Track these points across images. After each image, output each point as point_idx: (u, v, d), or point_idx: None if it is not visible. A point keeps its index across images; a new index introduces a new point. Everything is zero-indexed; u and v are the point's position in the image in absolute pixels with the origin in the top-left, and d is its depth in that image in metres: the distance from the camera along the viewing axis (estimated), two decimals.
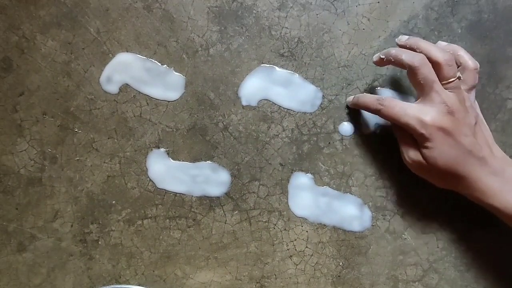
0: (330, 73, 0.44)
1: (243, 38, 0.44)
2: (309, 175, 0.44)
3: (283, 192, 0.43)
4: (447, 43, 0.41)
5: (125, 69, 0.44)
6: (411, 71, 0.38)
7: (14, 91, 0.43)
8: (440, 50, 0.38)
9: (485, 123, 0.40)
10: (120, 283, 0.42)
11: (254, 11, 0.44)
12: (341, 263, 0.43)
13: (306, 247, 0.43)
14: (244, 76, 0.44)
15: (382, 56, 0.39)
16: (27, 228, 0.43)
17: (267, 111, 0.44)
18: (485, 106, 0.44)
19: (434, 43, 0.44)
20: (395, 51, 0.39)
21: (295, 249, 0.43)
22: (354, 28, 0.44)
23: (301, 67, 0.44)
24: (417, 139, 0.38)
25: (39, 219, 0.43)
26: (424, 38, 0.44)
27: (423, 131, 0.37)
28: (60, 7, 0.44)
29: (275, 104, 0.44)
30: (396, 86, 0.44)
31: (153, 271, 0.43)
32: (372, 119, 0.44)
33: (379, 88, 0.44)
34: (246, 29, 0.44)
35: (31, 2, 0.44)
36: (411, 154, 0.39)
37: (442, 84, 0.37)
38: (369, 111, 0.41)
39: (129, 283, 0.42)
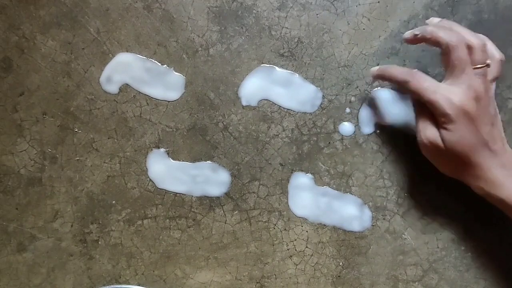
0: (330, 73, 0.44)
1: (243, 38, 0.44)
2: (309, 175, 0.44)
3: (283, 192, 0.43)
4: (474, 33, 0.40)
5: (125, 69, 0.44)
6: (447, 49, 0.37)
7: (14, 91, 0.43)
8: (474, 34, 0.37)
9: (500, 117, 0.40)
10: (120, 283, 0.42)
11: (254, 11, 0.44)
12: (341, 263, 0.43)
13: (306, 247, 0.43)
14: (244, 76, 0.44)
15: (416, 33, 0.38)
16: (27, 228, 0.43)
17: (267, 111, 0.44)
18: None
19: None
20: (431, 28, 0.38)
21: (295, 249, 0.43)
22: (354, 28, 0.44)
23: (301, 67, 0.44)
24: (439, 120, 0.37)
25: (39, 219, 0.43)
26: None
27: (450, 111, 0.36)
28: (60, 7, 0.44)
29: (275, 104, 0.44)
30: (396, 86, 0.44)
31: (153, 271, 0.43)
32: (372, 119, 0.44)
33: (379, 88, 0.44)
34: (246, 29, 0.44)
35: (31, 2, 0.44)
36: (429, 134, 0.38)
37: None
38: (395, 83, 0.40)
39: (129, 283, 0.42)
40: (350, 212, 0.43)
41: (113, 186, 0.43)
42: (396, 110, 0.43)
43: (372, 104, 0.44)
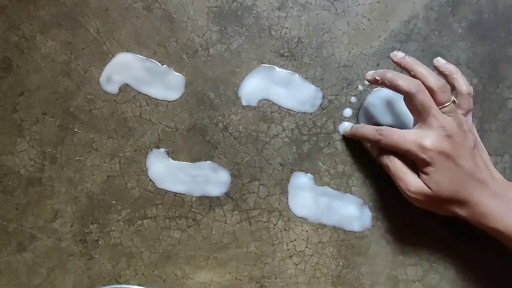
0: (330, 73, 0.44)
1: (243, 38, 0.44)
2: (309, 175, 0.44)
3: (283, 192, 0.43)
4: (446, 62, 0.40)
5: (125, 69, 0.44)
6: (408, 97, 0.37)
7: (14, 91, 0.43)
8: (434, 76, 0.38)
9: (483, 146, 0.40)
10: (120, 283, 0.42)
11: (254, 11, 0.44)
12: (341, 263, 0.43)
13: (306, 247, 0.43)
14: (244, 76, 0.44)
15: (377, 78, 0.39)
16: (27, 228, 0.43)
17: (267, 111, 0.44)
18: (486, 106, 0.44)
19: (435, 43, 0.44)
20: (391, 75, 0.38)
21: (295, 249, 0.43)
22: (354, 28, 0.44)
23: (301, 67, 0.44)
24: (418, 166, 0.38)
25: (39, 219, 0.43)
26: (424, 39, 0.44)
27: (424, 156, 0.36)
28: (60, 7, 0.44)
29: (275, 104, 0.44)
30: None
31: (153, 271, 0.43)
32: (372, 119, 0.44)
33: (378, 88, 0.44)
34: (246, 29, 0.44)
35: (31, 2, 0.44)
36: (413, 187, 0.38)
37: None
38: (368, 142, 0.42)
39: (129, 283, 0.42)
40: (350, 212, 0.43)
41: (113, 186, 0.43)
42: (395, 110, 0.43)
43: (372, 105, 0.44)
